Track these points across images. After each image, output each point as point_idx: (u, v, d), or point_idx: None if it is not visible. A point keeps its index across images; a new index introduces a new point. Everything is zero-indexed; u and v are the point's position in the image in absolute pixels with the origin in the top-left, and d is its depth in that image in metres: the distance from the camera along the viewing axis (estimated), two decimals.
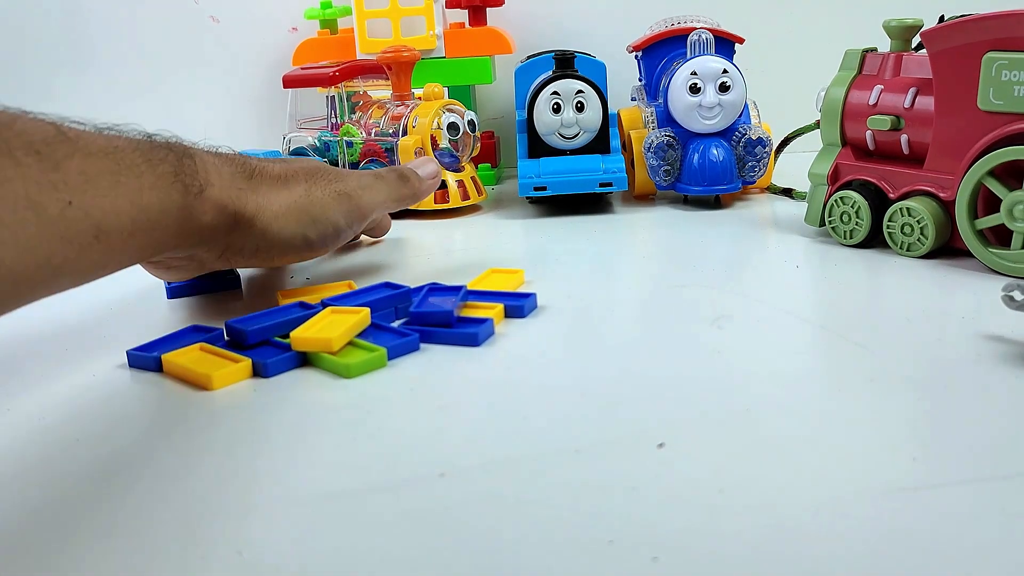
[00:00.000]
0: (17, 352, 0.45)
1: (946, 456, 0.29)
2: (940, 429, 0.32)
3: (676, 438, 0.31)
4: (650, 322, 0.45)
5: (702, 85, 0.65)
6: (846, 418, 0.33)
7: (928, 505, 0.26)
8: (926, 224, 0.50)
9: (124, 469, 0.32)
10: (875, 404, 0.34)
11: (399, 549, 0.26)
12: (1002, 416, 0.32)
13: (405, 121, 0.68)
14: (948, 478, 0.28)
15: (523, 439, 0.32)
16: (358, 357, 0.39)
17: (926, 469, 0.29)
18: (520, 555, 0.25)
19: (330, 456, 0.32)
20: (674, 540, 0.26)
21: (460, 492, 0.29)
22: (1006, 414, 0.32)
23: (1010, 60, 0.46)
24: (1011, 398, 0.33)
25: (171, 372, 0.40)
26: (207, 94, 0.91)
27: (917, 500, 0.27)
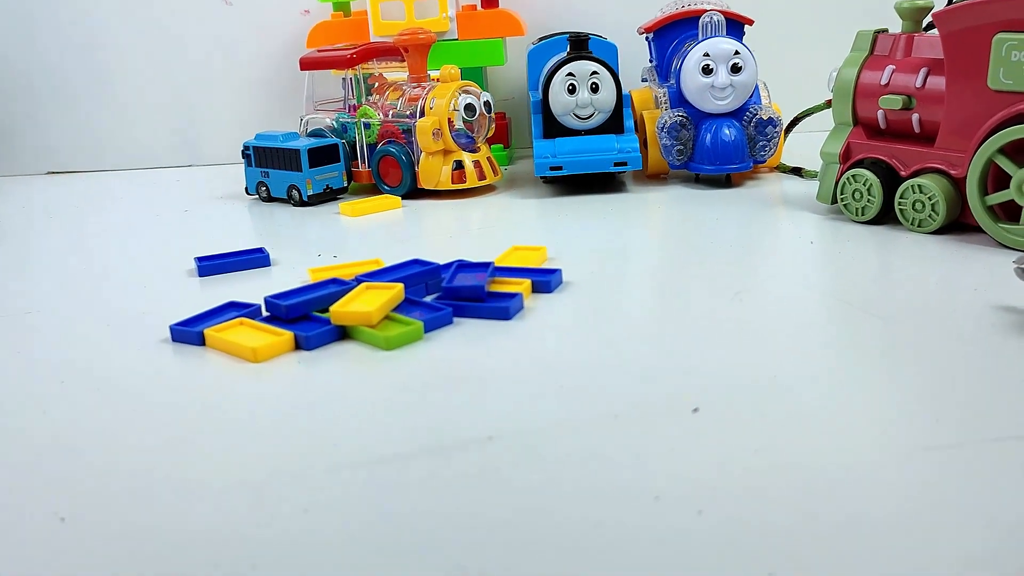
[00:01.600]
0: (62, 330, 0.46)
1: (967, 418, 0.31)
2: (960, 393, 0.33)
3: (709, 404, 0.33)
4: (672, 296, 0.46)
5: (714, 66, 0.66)
6: (869, 384, 0.34)
7: (953, 462, 0.28)
8: (937, 201, 0.52)
9: (189, 436, 0.33)
10: (895, 371, 0.35)
11: (454, 509, 0.28)
12: (1018, 380, 0.34)
13: (422, 103, 0.69)
14: (969, 437, 0.30)
15: (562, 406, 0.34)
16: (396, 330, 0.41)
17: (949, 430, 0.30)
18: (573, 512, 0.27)
19: (380, 423, 0.34)
20: (716, 496, 0.27)
21: (509, 455, 0.30)
22: (1022, 377, 0.34)
23: (1019, 41, 0.47)
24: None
25: (214, 346, 0.42)
26: (221, 76, 0.91)
27: (942, 458, 0.28)
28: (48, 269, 0.58)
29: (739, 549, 0.25)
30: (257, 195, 0.74)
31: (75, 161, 0.95)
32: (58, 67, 0.92)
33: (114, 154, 0.94)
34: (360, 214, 0.67)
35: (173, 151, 0.94)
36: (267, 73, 0.91)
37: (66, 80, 0.93)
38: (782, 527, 0.26)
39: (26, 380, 0.39)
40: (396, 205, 0.69)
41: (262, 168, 0.72)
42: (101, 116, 0.93)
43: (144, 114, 0.93)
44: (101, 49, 0.91)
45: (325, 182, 0.71)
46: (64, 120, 0.94)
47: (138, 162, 0.94)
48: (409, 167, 0.70)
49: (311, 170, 0.69)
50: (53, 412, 0.36)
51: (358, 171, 0.73)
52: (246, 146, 0.73)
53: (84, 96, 0.93)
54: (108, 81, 0.92)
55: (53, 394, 0.38)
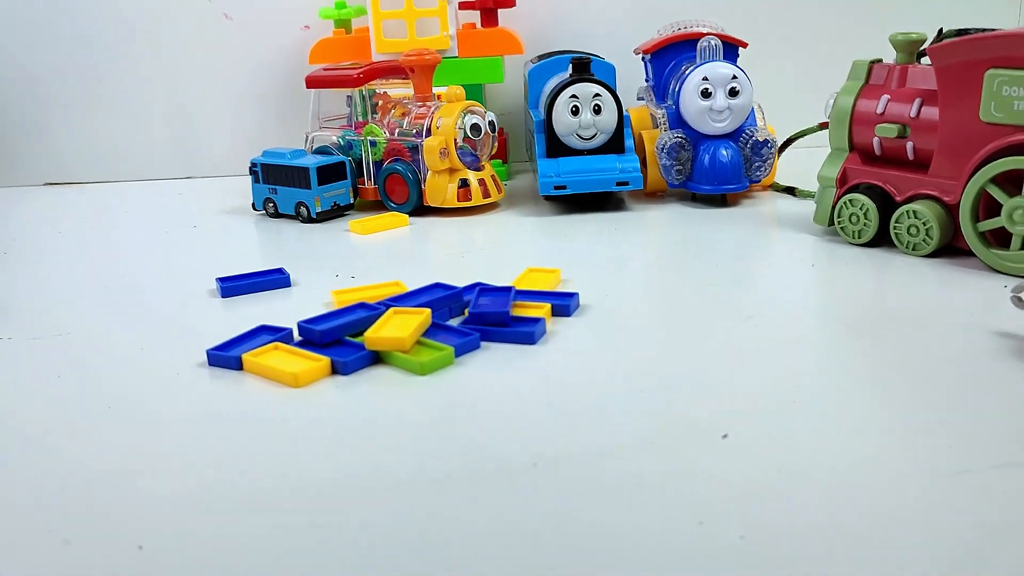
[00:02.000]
0: (98, 353, 0.47)
1: (977, 443, 0.34)
2: (967, 418, 0.36)
3: (737, 429, 0.35)
4: (687, 319, 0.49)
5: (713, 90, 0.69)
6: (883, 408, 0.37)
7: (970, 487, 0.31)
8: (931, 226, 0.54)
9: (238, 460, 0.35)
10: (905, 395, 0.38)
11: (506, 534, 0.30)
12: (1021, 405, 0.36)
13: (428, 122, 0.71)
14: (983, 463, 0.32)
15: (598, 431, 0.36)
16: (429, 356, 0.43)
17: (961, 455, 0.33)
18: (621, 537, 0.29)
19: (426, 447, 0.35)
20: (755, 519, 0.29)
21: (554, 480, 0.32)
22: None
23: (1010, 77, 0.50)
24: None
25: (252, 370, 0.43)
26: (221, 89, 0.92)
27: (960, 482, 0.31)
28: (67, 287, 0.59)
29: (784, 570, 0.27)
30: (264, 211, 0.75)
31: (73, 172, 0.95)
32: (56, 77, 0.93)
33: (112, 165, 0.95)
34: (370, 232, 0.68)
35: (172, 163, 0.95)
36: (266, 86, 0.92)
37: (64, 90, 0.93)
38: (822, 548, 0.28)
39: (73, 405, 0.41)
40: (404, 223, 0.70)
41: (270, 185, 0.73)
42: (99, 127, 0.94)
43: (143, 125, 0.94)
44: (100, 60, 0.92)
45: (333, 199, 0.72)
46: (62, 131, 0.94)
47: (137, 173, 0.95)
48: (416, 185, 0.72)
49: (320, 187, 0.71)
50: (106, 437, 0.37)
51: (364, 188, 0.75)
52: (254, 163, 0.74)
53: (82, 107, 0.93)
54: (107, 92, 0.93)
55: (102, 420, 0.39)
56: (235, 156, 0.94)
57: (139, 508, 0.32)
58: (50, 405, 0.41)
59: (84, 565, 0.29)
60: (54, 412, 0.40)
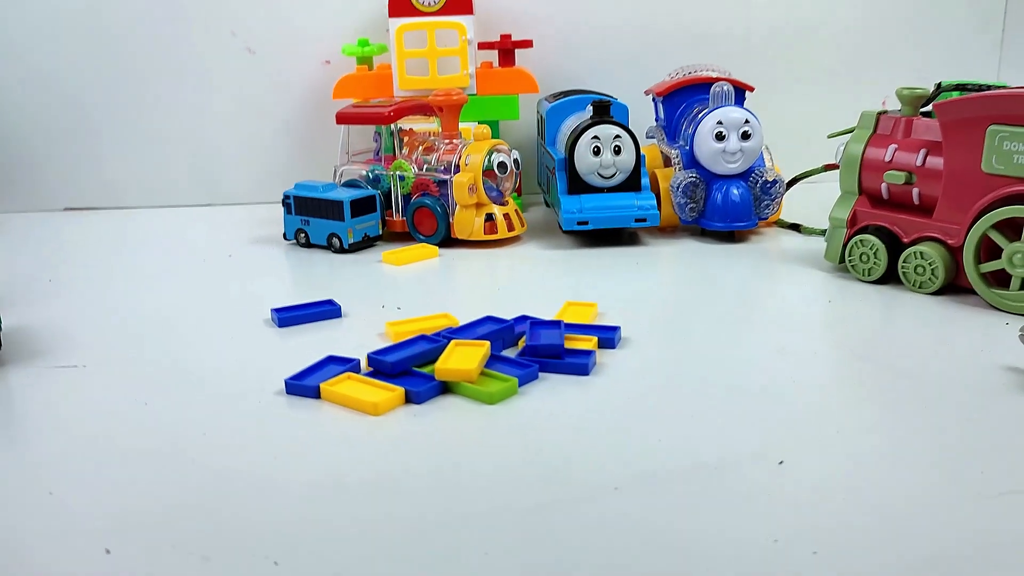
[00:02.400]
0: (178, 383, 0.50)
1: (1006, 468, 0.38)
2: (993, 445, 0.40)
3: (790, 455, 0.39)
4: (722, 351, 0.53)
5: (726, 133, 0.73)
6: (916, 436, 0.41)
7: (1012, 508, 0.35)
8: (937, 266, 0.59)
9: (337, 483, 0.38)
10: (933, 424, 0.42)
11: (601, 555, 0.33)
12: None
13: (457, 159, 0.75)
14: (1017, 486, 0.36)
15: (666, 456, 0.40)
16: (496, 386, 0.46)
17: (995, 479, 0.37)
18: (702, 555, 0.33)
19: (509, 472, 0.39)
20: (825, 537, 0.33)
21: (636, 503, 0.36)
22: None
23: (1011, 133, 0.55)
24: None
25: (330, 399, 0.47)
26: (242, 119, 0.96)
27: (1001, 503, 0.35)
28: (122, 313, 0.61)
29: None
30: (295, 241, 0.78)
31: (92, 198, 0.97)
32: (77, 105, 0.95)
33: (131, 192, 0.97)
34: (402, 262, 0.72)
35: (192, 190, 0.97)
36: (287, 117, 0.96)
37: (86, 118, 0.95)
38: (887, 562, 0.32)
39: (168, 431, 0.44)
40: (434, 254, 0.74)
41: (302, 216, 0.77)
42: (120, 154, 0.96)
43: (164, 153, 0.96)
44: (123, 89, 0.95)
45: (364, 231, 0.76)
46: (81, 157, 0.96)
47: (156, 200, 0.97)
48: (444, 218, 0.75)
49: (352, 220, 0.74)
50: (208, 463, 0.40)
51: (391, 220, 0.78)
52: (286, 195, 0.77)
53: (104, 134, 0.96)
54: (128, 120, 0.96)
55: (201, 444, 0.42)
56: (254, 186, 0.97)
57: (264, 522, 0.35)
58: (148, 431, 0.44)
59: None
60: (154, 438, 0.43)
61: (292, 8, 0.93)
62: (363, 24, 0.92)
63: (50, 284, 0.70)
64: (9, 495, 0.38)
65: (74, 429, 0.44)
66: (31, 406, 0.47)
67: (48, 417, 0.46)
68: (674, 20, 0.94)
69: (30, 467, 0.41)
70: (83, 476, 0.40)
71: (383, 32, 0.91)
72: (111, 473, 0.40)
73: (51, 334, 0.58)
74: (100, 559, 0.33)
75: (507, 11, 0.91)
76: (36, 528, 0.36)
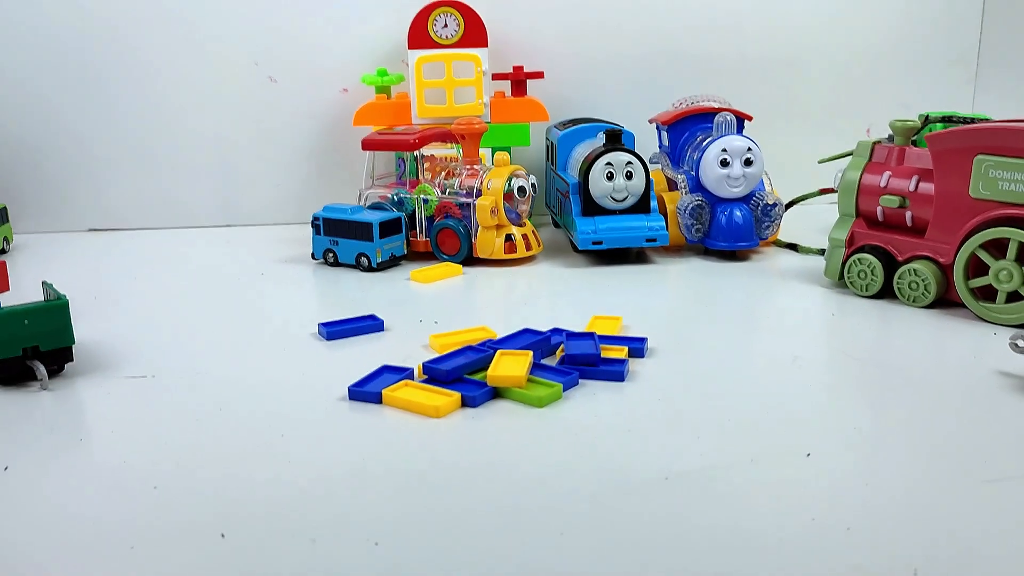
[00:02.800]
0: (243, 393, 0.54)
1: (1004, 457, 0.43)
2: (991, 436, 0.45)
3: (816, 449, 0.44)
4: (741, 360, 0.58)
5: (730, 160, 0.79)
6: (924, 431, 0.46)
7: (1013, 492, 0.40)
8: (929, 282, 0.65)
9: (422, 477, 0.43)
10: (939, 420, 0.48)
11: (658, 538, 0.38)
12: None
13: (479, 183, 0.80)
14: (1015, 473, 0.42)
15: (707, 450, 0.45)
16: (544, 391, 0.51)
17: (996, 466, 0.42)
18: (749, 533, 0.38)
19: (566, 465, 0.44)
20: (856, 517, 0.38)
21: (685, 492, 0.41)
22: None
23: (996, 162, 0.61)
24: None
25: (392, 404, 0.51)
26: (264, 144, 1.00)
27: (1002, 487, 0.40)
28: (174, 329, 0.65)
29: (884, 554, 0.36)
30: (323, 260, 0.82)
31: (116, 219, 1.01)
32: (103, 128, 0.99)
33: (155, 213, 1.01)
34: (430, 280, 0.76)
35: (213, 212, 1.01)
36: (306, 143, 1.00)
37: (111, 140, 0.99)
38: (916, 534, 0.37)
39: (248, 434, 0.48)
40: (458, 272, 0.79)
41: (331, 237, 0.81)
42: (144, 176, 1.00)
43: (186, 176, 1.00)
44: (149, 113, 0.99)
45: (391, 251, 0.80)
46: (107, 179, 1.00)
47: (179, 221, 1.01)
48: (466, 238, 0.80)
49: (380, 240, 0.79)
50: (298, 459, 0.45)
51: (415, 240, 0.83)
52: (316, 217, 0.82)
53: (129, 156, 1.00)
54: (153, 143, 0.99)
55: (285, 446, 0.46)
56: (273, 207, 1.01)
57: (361, 509, 0.40)
58: (232, 433, 0.48)
59: (327, 565, 0.36)
60: (239, 439, 0.47)
61: (313, 40, 0.97)
62: (380, 55, 0.97)
63: (96, 301, 0.73)
64: (123, 491, 0.42)
65: (164, 432, 0.48)
66: (116, 412, 0.51)
67: (135, 422, 0.50)
68: (674, 54, 1.00)
69: (134, 465, 0.45)
70: (188, 472, 0.44)
71: (399, 63, 0.96)
72: (212, 469, 0.44)
73: (112, 348, 0.62)
74: (217, 543, 0.38)
75: (519, 44, 0.96)
76: (150, 517, 0.40)
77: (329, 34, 0.97)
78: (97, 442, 0.48)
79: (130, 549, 0.37)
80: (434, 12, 0.91)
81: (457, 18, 0.91)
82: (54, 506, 0.41)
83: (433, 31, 0.91)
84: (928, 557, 0.35)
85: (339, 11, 0.97)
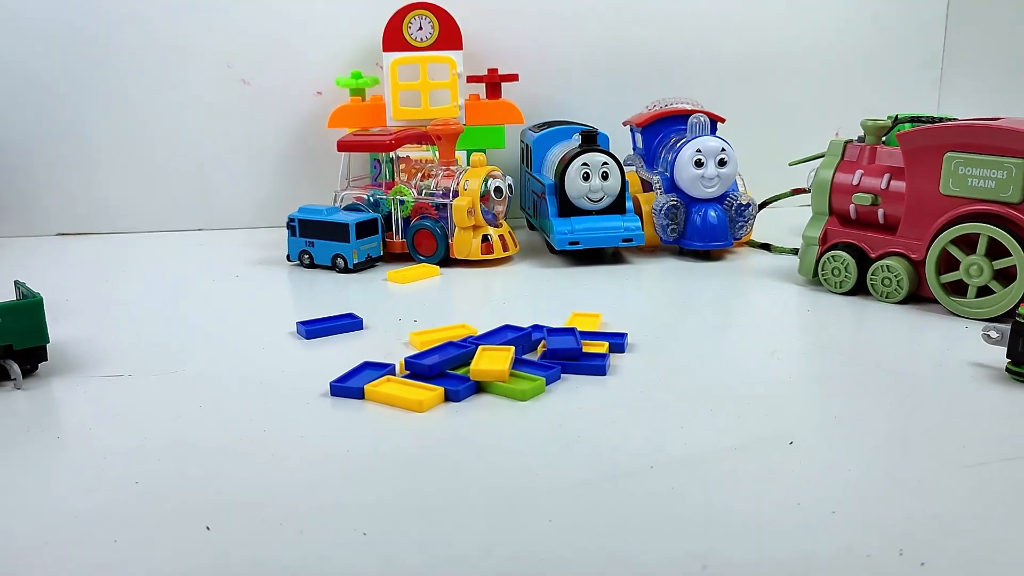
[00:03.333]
0: (225, 389, 0.53)
1: (981, 443, 0.44)
2: (966, 425, 0.46)
3: (798, 437, 0.45)
4: (721, 354, 0.58)
5: (705, 160, 0.80)
6: (902, 418, 0.47)
7: (990, 475, 0.41)
8: (901, 278, 0.66)
9: (408, 468, 0.42)
10: (915, 409, 0.48)
11: (648, 523, 0.38)
12: (1007, 413, 0.47)
13: (455, 185, 0.80)
14: (991, 457, 0.42)
15: (692, 439, 0.45)
16: (527, 385, 0.51)
17: (974, 452, 0.43)
18: (737, 518, 0.38)
19: (554, 455, 0.44)
20: (841, 501, 0.39)
21: (672, 479, 0.41)
22: (1009, 412, 0.47)
23: (965, 159, 0.63)
24: (1009, 401, 0.48)
25: (375, 399, 0.51)
26: (237, 147, 0.99)
27: (982, 472, 0.41)
28: (151, 330, 0.65)
29: (870, 535, 0.36)
30: (299, 262, 0.82)
31: (84, 223, 1.00)
32: (70, 130, 0.97)
33: (125, 217, 1.00)
34: (407, 280, 0.76)
35: (185, 215, 1.00)
36: (279, 146, 0.99)
37: (78, 143, 0.98)
38: (899, 516, 0.37)
39: (230, 430, 0.47)
40: (435, 273, 0.79)
41: (307, 238, 0.81)
42: (113, 180, 0.99)
43: (158, 179, 0.99)
44: (118, 114, 0.97)
45: (367, 251, 0.80)
46: (74, 183, 0.99)
47: (151, 225, 1.00)
48: (443, 239, 0.80)
49: (357, 241, 0.78)
50: (282, 454, 0.44)
51: (391, 241, 0.83)
52: (291, 218, 0.81)
53: (96, 159, 0.98)
54: (122, 146, 0.98)
55: (268, 442, 0.46)
56: (246, 211, 1.00)
57: (349, 500, 0.39)
58: (214, 429, 0.47)
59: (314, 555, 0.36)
60: (221, 435, 0.47)
61: (287, 42, 0.97)
62: (353, 57, 0.97)
63: (68, 303, 0.72)
64: (105, 481, 0.42)
65: (144, 429, 0.48)
66: (93, 410, 0.50)
67: (113, 419, 0.49)
68: (647, 57, 1.01)
69: (114, 462, 0.44)
70: (170, 467, 0.43)
71: (373, 65, 0.96)
72: (195, 464, 0.43)
73: (86, 349, 0.61)
74: (203, 536, 0.37)
75: (493, 47, 0.97)
76: (133, 510, 0.39)
77: (303, 36, 0.97)
78: (75, 439, 0.47)
79: (113, 543, 0.37)
80: (409, 15, 0.91)
81: (432, 21, 0.91)
82: (33, 502, 0.40)
83: (408, 33, 0.91)
84: (912, 537, 0.36)
85: (313, 13, 0.97)
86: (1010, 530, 0.37)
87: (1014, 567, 0.34)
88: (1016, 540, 0.36)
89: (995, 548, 0.35)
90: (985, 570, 0.34)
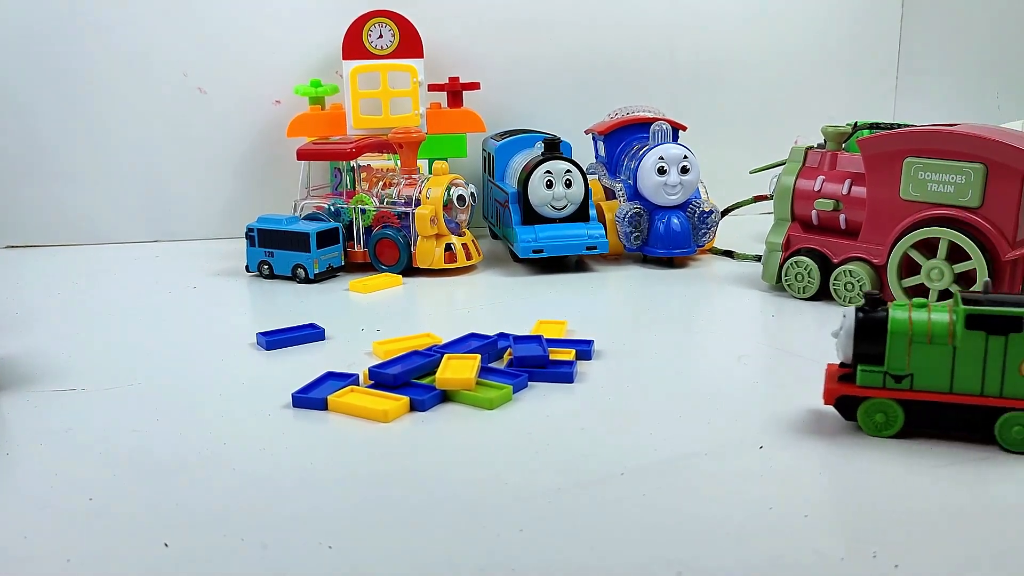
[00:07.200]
0: (184, 401, 0.52)
1: (951, 443, 0.44)
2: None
3: (768, 442, 0.45)
4: (689, 360, 0.58)
5: (667, 168, 0.80)
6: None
7: (962, 475, 0.41)
8: (864, 283, 0.66)
9: (374, 479, 0.41)
10: None
11: (620, 530, 0.38)
12: None
13: (418, 193, 0.79)
14: (963, 458, 0.42)
15: (661, 445, 0.44)
16: (493, 393, 0.50)
17: (942, 453, 0.43)
18: (709, 525, 0.38)
19: (523, 464, 0.43)
20: (813, 505, 0.39)
21: (643, 486, 0.41)
22: None
23: (925, 164, 0.63)
24: None
25: (338, 410, 0.49)
26: (192, 157, 0.97)
27: (950, 472, 0.41)
28: (107, 343, 0.63)
29: (842, 538, 0.36)
30: (258, 273, 0.80)
31: (34, 235, 0.97)
32: (18, 140, 0.95)
33: (76, 229, 0.97)
34: (369, 290, 0.75)
35: (138, 227, 0.98)
36: (238, 155, 0.98)
37: (26, 153, 0.95)
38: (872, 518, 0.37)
39: (188, 443, 0.46)
40: (398, 282, 0.78)
41: (266, 248, 0.79)
42: (64, 191, 0.96)
43: (112, 190, 0.97)
44: (70, 124, 0.95)
45: (328, 261, 0.79)
46: (22, 195, 0.96)
47: (104, 237, 0.97)
48: (406, 248, 0.79)
49: (317, 251, 0.77)
50: (243, 468, 0.43)
51: (353, 251, 0.82)
52: (250, 228, 0.79)
53: (45, 170, 0.96)
54: (74, 156, 0.96)
55: (223, 453, 0.45)
56: (204, 222, 0.98)
57: (312, 513, 0.38)
58: (172, 444, 0.46)
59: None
60: (178, 449, 0.45)
61: (244, 50, 0.95)
62: (312, 65, 0.96)
63: (18, 316, 0.70)
64: (57, 503, 0.40)
65: (98, 444, 0.46)
66: (43, 425, 0.49)
67: (65, 434, 0.47)
68: (608, 66, 1.01)
69: (66, 478, 0.42)
70: (126, 483, 0.42)
71: (332, 74, 0.95)
72: (151, 479, 0.42)
73: (36, 363, 0.59)
74: (161, 552, 0.36)
75: (455, 55, 0.96)
76: (87, 528, 0.38)
77: (261, 44, 0.95)
78: (24, 455, 0.45)
79: (66, 562, 0.35)
80: (369, 22, 0.90)
81: (392, 29, 0.90)
82: None
83: (368, 41, 0.90)
84: (885, 539, 0.36)
85: (271, 21, 0.95)
86: (984, 530, 0.37)
87: (987, 568, 0.34)
88: (990, 541, 0.36)
89: (969, 549, 0.35)
90: (959, 571, 0.34)
